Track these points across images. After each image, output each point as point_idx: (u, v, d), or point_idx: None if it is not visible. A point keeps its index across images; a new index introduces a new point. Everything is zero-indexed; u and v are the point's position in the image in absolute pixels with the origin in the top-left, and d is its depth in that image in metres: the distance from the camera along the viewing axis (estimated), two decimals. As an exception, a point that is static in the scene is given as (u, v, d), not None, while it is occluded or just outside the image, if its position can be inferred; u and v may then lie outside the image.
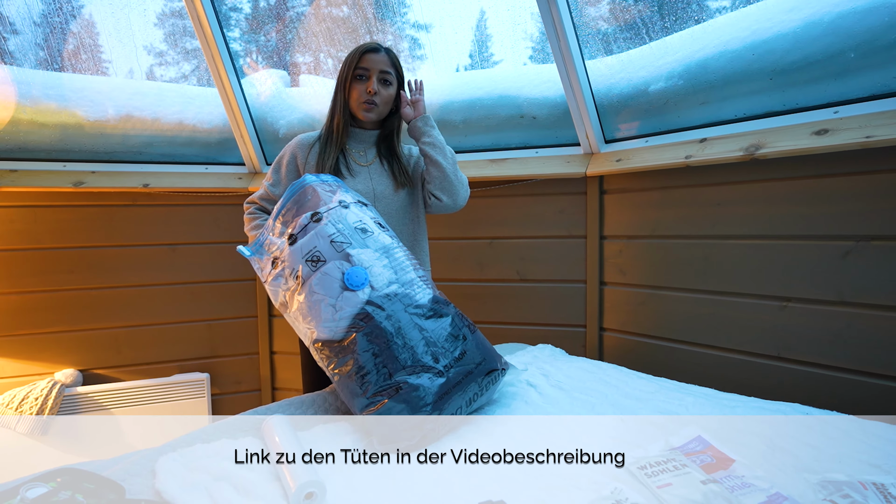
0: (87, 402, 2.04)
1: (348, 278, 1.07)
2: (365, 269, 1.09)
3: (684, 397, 1.17)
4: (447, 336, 1.10)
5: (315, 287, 1.07)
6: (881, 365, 1.27)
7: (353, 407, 1.05)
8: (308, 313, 1.08)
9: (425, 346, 1.06)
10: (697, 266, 1.61)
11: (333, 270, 1.08)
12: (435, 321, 1.10)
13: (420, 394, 1.00)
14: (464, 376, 1.07)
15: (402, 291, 1.10)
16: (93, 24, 2.21)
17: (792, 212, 1.41)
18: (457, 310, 1.17)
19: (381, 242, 1.15)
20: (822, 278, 1.36)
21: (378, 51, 1.41)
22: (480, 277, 2.06)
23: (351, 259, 1.09)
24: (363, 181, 1.42)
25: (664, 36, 1.71)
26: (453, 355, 1.08)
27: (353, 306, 1.05)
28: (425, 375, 1.02)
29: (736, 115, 1.59)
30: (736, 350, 1.53)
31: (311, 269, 1.09)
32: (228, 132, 2.27)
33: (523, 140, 2.06)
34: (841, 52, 1.36)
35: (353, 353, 1.03)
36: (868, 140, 1.23)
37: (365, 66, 1.39)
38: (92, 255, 2.12)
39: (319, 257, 1.09)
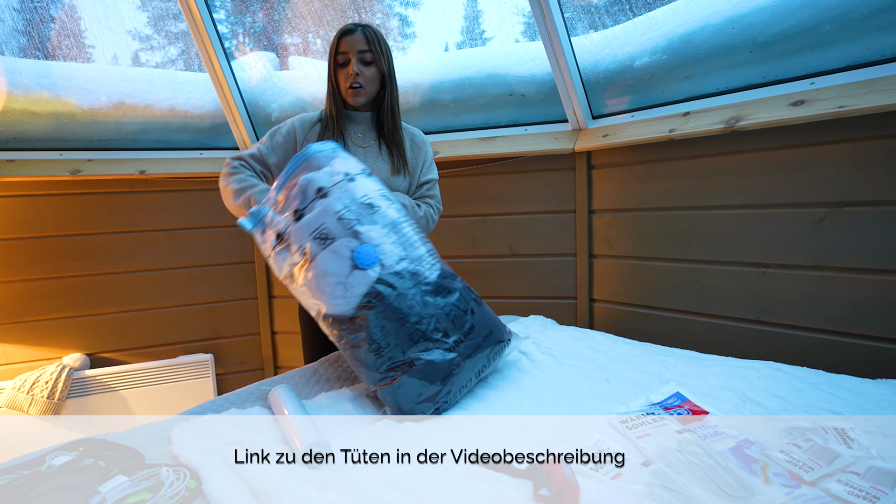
0: (96, 385, 2.11)
1: (358, 257, 1.06)
2: (375, 246, 1.08)
3: (666, 359, 1.25)
4: (457, 312, 1.11)
5: (324, 265, 1.06)
6: (854, 325, 1.34)
7: (365, 379, 1.08)
8: (316, 289, 1.08)
9: (436, 322, 1.07)
10: (682, 237, 1.67)
11: (343, 249, 1.06)
12: (444, 297, 1.11)
13: (431, 369, 1.03)
14: (473, 349, 1.10)
15: (412, 268, 1.10)
16: (74, 7, 2.20)
17: (770, 181, 1.46)
18: (463, 283, 1.19)
19: (389, 217, 1.14)
20: (798, 244, 1.42)
21: (353, 31, 1.39)
22: (474, 253, 2.12)
23: (360, 237, 1.08)
24: None
25: (647, 11, 1.74)
26: (462, 330, 1.10)
27: (364, 285, 1.05)
28: (437, 351, 1.05)
29: (718, 89, 1.63)
30: (719, 315, 1.60)
31: (320, 246, 1.07)
32: (221, 117, 2.29)
33: (513, 118, 2.09)
34: (818, 24, 1.40)
35: (364, 329, 1.04)
36: (841, 110, 1.28)
37: (343, 50, 1.39)
38: (93, 242, 2.16)
39: (328, 235, 1.07)
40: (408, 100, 2.17)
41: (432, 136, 2.17)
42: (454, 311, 1.11)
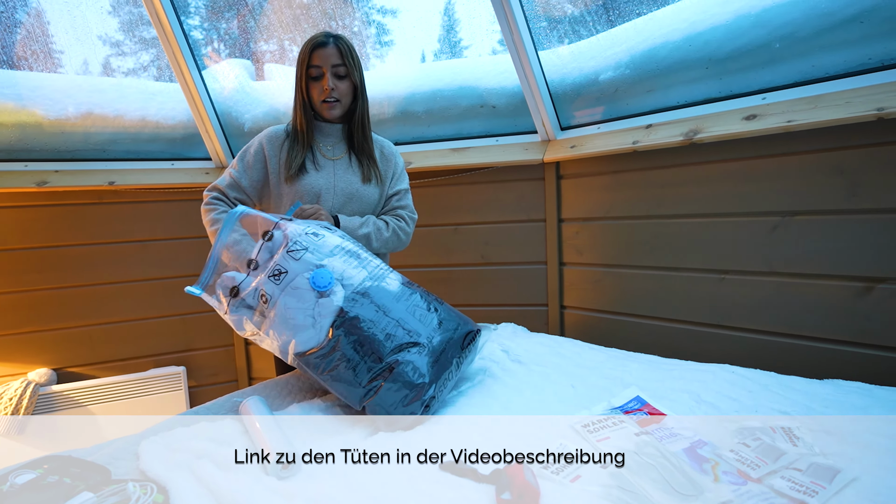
0: (63, 400, 2.06)
1: (315, 282, 1.07)
2: (329, 270, 1.10)
3: (629, 364, 1.29)
4: (422, 311, 1.14)
5: (286, 301, 1.07)
6: (804, 328, 1.41)
7: (350, 399, 1.07)
8: (284, 328, 1.07)
9: (405, 327, 1.09)
10: (646, 244, 1.73)
11: (300, 280, 1.07)
12: (407, 300, 1.14)
13: (412, 368, 1.05)
14: (447, 343, 1.12)
15: (374, 285, 1.13)
16: (41, 12, 2.16)
17: (727, 191, 1.53)
18: (420, 287, 1.23)
19: (334, 243, 1.16)
20: (754, 251, 1.49)
21: (326, 44, 1.39)
22: (447, 262, 2.15)
23: (316, 265, 1.10)
24: (326, 175, 1.43)
25: (610, 28, 1.80)
26: (432, 325, 1.13)
27: (331, 310, 1.06)
28: (413, 350, 1.07)
29: (678, 102, 1.70)
30: (680, 320, 1.66)
31: (276, 283, 1.08)
32: (193, 127, 2.28)
33: (484, 129, 2.14)
34: (768, 42, 1.48)
35: (338, 350, 1.05)
36: (789, 124, 1.35)
37: (317, 64, 1.38)
38: (60, 254, 2.12)
39: (281, 270, 1.09)
40: (382, 111, 2.20)
41: (406, 146, 2.20)
42: (418, 310, 1.14)
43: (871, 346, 1.29)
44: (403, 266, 2.18)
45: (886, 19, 1.28)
